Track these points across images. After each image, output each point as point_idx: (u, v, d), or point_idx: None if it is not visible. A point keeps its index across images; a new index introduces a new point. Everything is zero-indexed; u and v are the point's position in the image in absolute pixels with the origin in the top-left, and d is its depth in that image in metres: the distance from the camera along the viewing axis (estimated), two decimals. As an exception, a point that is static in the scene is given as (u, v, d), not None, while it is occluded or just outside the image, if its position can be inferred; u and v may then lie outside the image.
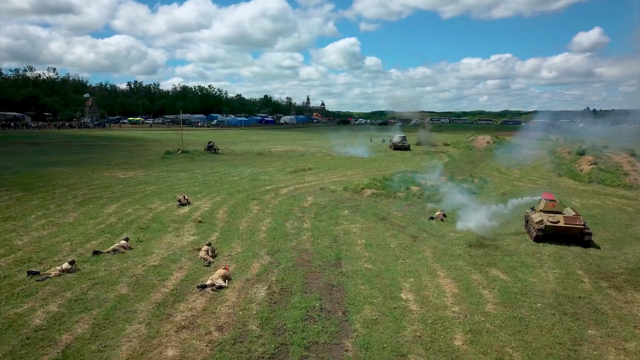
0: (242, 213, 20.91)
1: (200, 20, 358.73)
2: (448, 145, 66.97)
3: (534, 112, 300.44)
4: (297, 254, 15.27)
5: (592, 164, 37.92)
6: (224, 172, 34.27)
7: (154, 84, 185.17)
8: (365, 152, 53.91)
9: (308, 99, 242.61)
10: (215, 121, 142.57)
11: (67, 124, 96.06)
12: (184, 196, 22.63)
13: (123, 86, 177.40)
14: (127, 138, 68.92)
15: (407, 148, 57.34)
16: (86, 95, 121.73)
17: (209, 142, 49.96)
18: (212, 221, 19.29)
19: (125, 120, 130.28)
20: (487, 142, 60.35)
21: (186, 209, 21.41)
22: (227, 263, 14.04)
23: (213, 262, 14.05)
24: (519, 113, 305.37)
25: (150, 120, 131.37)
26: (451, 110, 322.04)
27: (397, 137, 58.85)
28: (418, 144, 66.53)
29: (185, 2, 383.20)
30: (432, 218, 20.95)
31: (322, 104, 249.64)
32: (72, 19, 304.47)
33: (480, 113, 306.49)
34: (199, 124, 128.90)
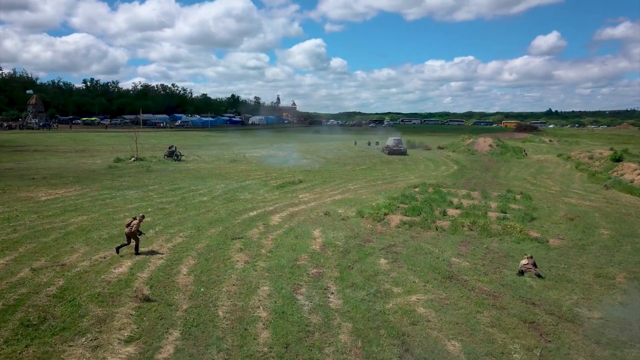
0: (220, 272, 12.62)
1: (162, 19, 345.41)
2: (443, 148, 60.20)
3: (497, 113, 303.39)
4: (349, 400, 7.20)
5: (641, 173, 31.42)
6: (188, 189, 25.71)
7: (113, 82, 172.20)
8: (362, 162, 46.22)
9: (278, 99, 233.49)
10: (179, 122, 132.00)
11: (5, 125, 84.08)
12: (135, 223, 13.97)
13: (79, 84, 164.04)
14: (73, 141, 58.73)
15: (404, 153, 49.94)
16: (29, 91, 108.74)
17: (170, 147, 41.00)
18: (169, 295, 10.93)
19: (79, 121, 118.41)
20: (490, 145, 53.74)
21: (125, 264, 12.95)
22: None
23: None
24: (484, 114, 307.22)
25: (106, 121, 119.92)
26: (416, 112, 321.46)
27: (392, 141, 51.35)
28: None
29: (147, 0, 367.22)
30: (522, 272, 13.27)
31: (293, 103, 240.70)
32: (28, 15, 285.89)
33: (447, 114, 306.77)
34: (161, 124, 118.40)
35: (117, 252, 13.82)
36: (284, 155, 46.59)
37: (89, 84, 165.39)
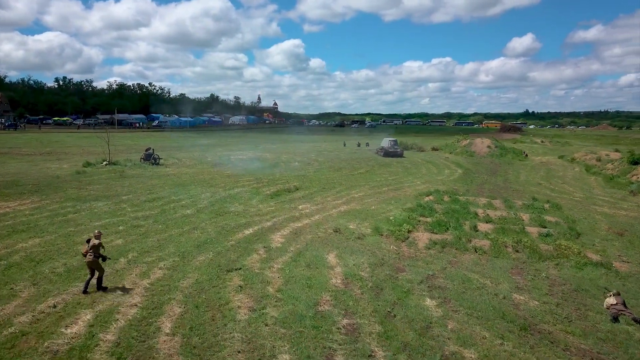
0: (217, 328, 9.07)
1: (138, 18, 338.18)
2: (437, 149, 57.40)
3: (474, 114, 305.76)
4: None
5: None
6: (169, 199, 21.98)
7: (87, 80, 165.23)
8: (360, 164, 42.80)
9: (259, 98, 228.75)
10: (157, 122, 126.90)
11: (-33, 125, 78.20)
12: (89, 248, 10.48)
13: (52, 83, 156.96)
14: (39, 143, 53.85)
15: (400, 155, 46.82)
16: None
17: (146, 149, 36.97)
18: (144, 375, 7.37)
19: (50, 121, 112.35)
20: (488, 147, 51.11)
21: (83, 316, 9.30)
22: None
23: None
24: (462, 115, 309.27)
25: (79, 121, 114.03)
26: (395, 112, 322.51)
27: (387, 142, 48.13)
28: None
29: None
30: (615, 319, 10.10)
31: (275, 103, 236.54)
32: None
33: (425, 115, 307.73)
34: (137, 124, 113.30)
35: (85, 292, 10.38)
36: (272, 158, 42.97)
37: (61, 82, 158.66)
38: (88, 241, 10.92)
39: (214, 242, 15.03)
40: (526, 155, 49.31)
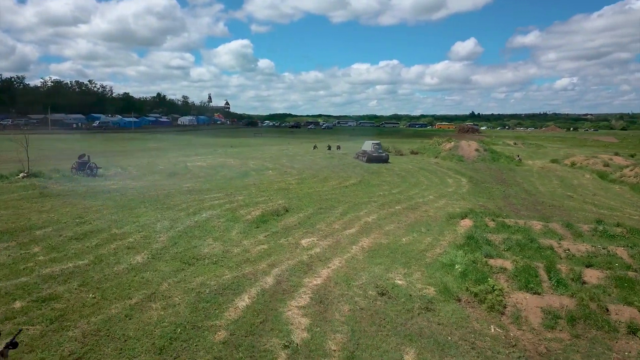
0: None
1: (76, 14, 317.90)
2: (416, 153, 52.30)
3: (421, 116, 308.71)
4: None
5: None
6: (108, 233, 14.82)
7: (18, 77, 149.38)
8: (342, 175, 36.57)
9: (210, 97, 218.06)
10: (98, 122, 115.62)
11: None
12: None
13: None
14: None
15: (386, 160, 41.02)
16: None
17: (80, 156, 28.93)
18: None
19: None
20: (476, 150, 46.43)
21: None
22: None
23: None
24: (410, 117, 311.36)
25: (7, 121, 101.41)
26: (345, 114, 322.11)
27: (370, 146, 42.07)
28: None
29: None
30: None
31: (227, 103, 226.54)
32: None
33: (375, 117, 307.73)
34: (75, 125, 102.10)
35: None
36: (238, 165, 35.96)
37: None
38: None
39: (190, 337, 8.32)
40: (520, 159, 44.98)
